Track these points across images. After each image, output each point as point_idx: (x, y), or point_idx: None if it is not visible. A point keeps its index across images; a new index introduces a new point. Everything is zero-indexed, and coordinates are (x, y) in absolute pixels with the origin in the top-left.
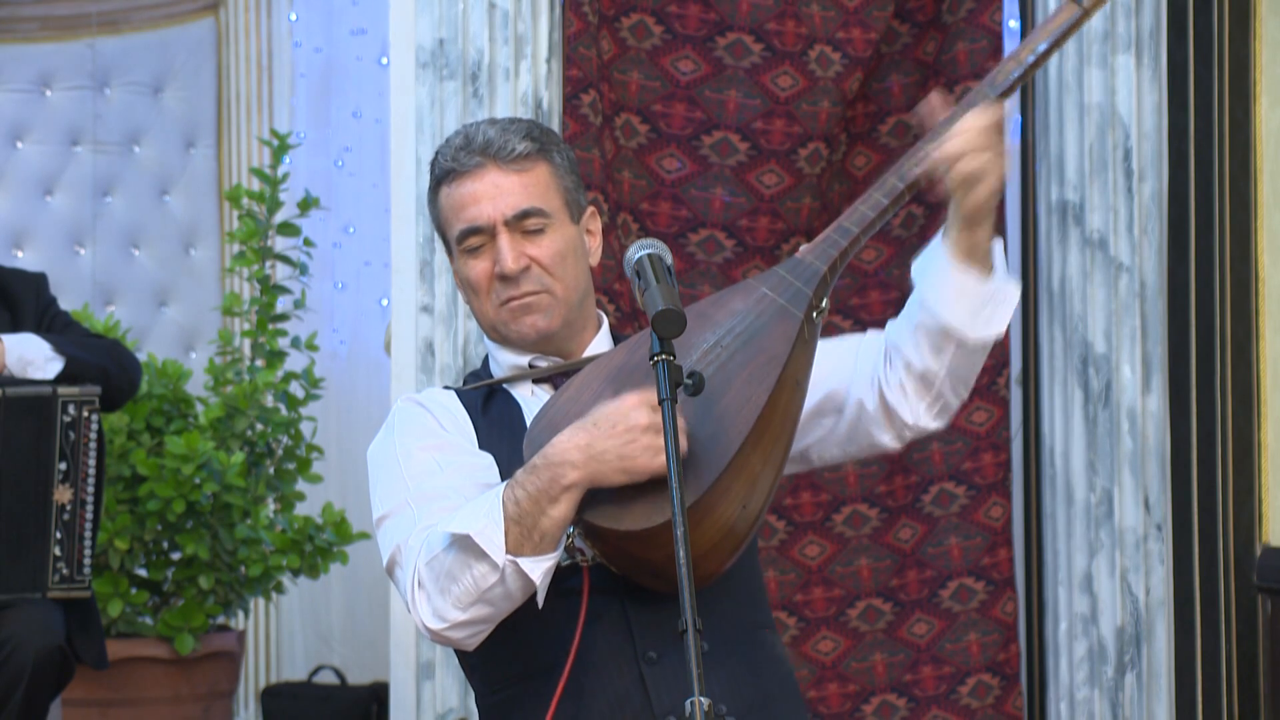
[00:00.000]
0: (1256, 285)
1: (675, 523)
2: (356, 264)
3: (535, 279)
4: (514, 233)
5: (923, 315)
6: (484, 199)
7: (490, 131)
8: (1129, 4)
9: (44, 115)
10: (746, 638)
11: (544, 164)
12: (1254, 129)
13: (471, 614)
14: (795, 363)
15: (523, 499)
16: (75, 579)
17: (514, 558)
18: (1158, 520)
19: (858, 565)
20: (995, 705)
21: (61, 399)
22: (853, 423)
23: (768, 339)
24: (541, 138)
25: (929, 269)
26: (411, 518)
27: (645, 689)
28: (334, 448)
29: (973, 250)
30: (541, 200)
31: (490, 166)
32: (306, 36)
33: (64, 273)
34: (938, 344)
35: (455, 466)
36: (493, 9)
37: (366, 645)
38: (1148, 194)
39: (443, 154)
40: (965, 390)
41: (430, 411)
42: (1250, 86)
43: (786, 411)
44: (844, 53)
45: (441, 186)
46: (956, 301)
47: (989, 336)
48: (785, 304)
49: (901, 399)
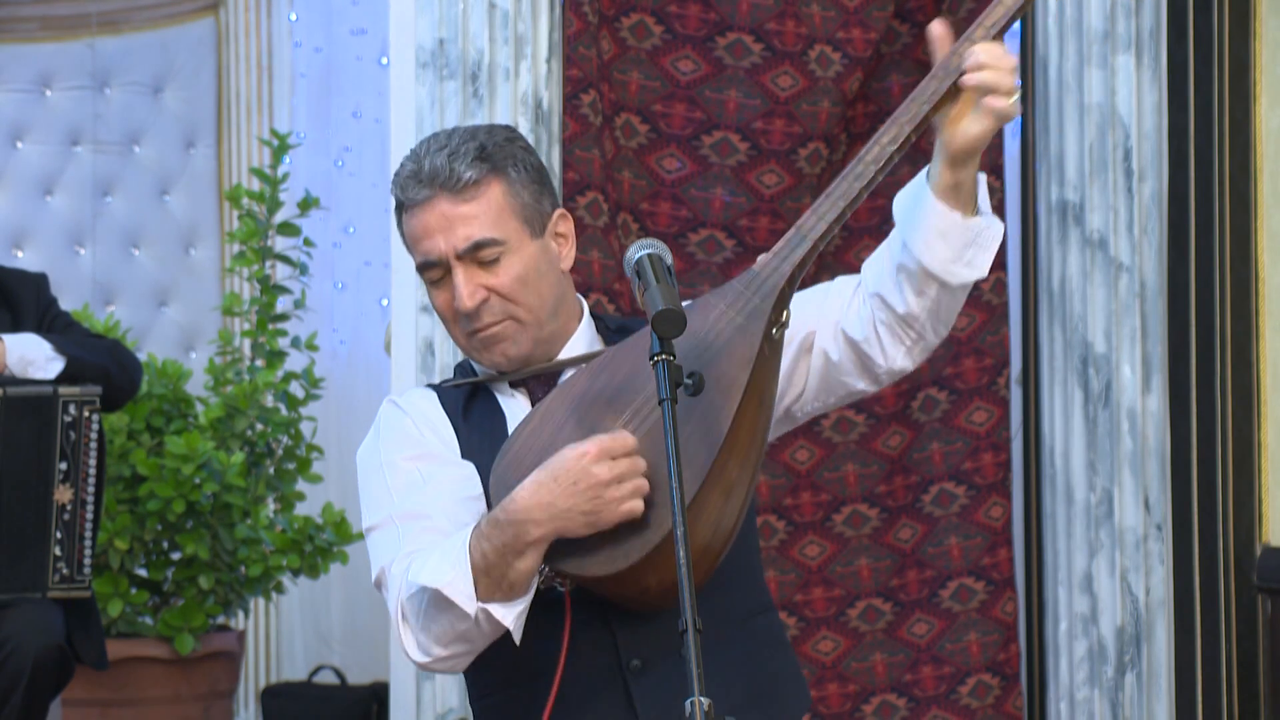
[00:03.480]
0: (1256, 285)
1: (675, 523)
2: (356, 264)
3: (496, 309)
4: (469, 265)
5: (904, 256)
6: (435, 232)
7: (439, 159)
8: (1129, 4)
9: (44, 115)
10: (741, 628)
11: (497, 184)
12: (1254, 129)
13: (452, 650)
14: (756, 383)
15: (489, 551)
16: (75, 579)
17: (485, 605)
18: (1158, 520)
19: (858, 565)
20: (995, 705)
21: (62, 399)
22: (822, 373)
23: (726, 364)
24: (494, 154)
25: (910, 207)
26: (396, 536)
27: (631, 699)
28: (334, 448)
29: (957, 188)
30: (494, 228)
31: (440, 197)
32: (306, 36)
33: (64, 273)
34: (919, 285)
35: (438, 480)
36: (493, 9)
37: (366, 645)
38: (1148, 194)
39: (395, 182)
40: (945, 329)
41: (411, 418)
42: (1250, 86)
43: (752, 429)
44: (844, 53)
45: (400, 211)
46: (939, 241)
47: (971, 278)
48: (743, 322)
49: (873, 340)
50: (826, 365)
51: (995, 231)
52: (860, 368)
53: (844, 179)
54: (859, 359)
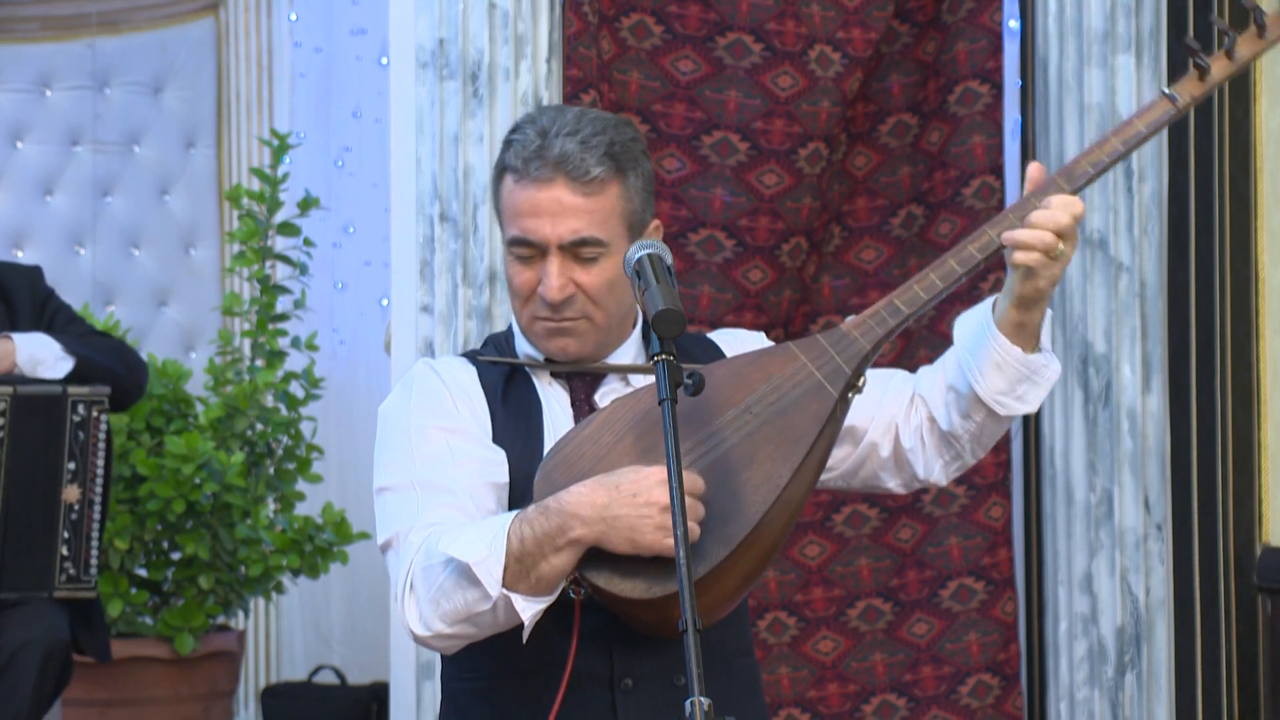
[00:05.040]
0: (1256, 285)
1: (675, 523)
2: (356, 264)
3: (577, 306)
4: (566, 257)
5: (957, 378)
6: (544, 215)
7: (569, 145)
8: (1129, 4)
9: (44, 115)
10: (724, 668)
11: (616, 185)
12: (1254, 129)
13: (456, 630)
14: (821, 442)
15: (528, 538)
16: (82, 579)
17: (508, 592)
18: (1158, 520)
19: (858, 565)
20: (995, 705)
21: (71, 398)
22: (863, 460)
23: (799, 416)
24: (620, 155)
25: (972, 334)
26: (414, 503)
27: (616, 715)
28: (334, 448)
29: (1021, 328)
30: (602, 229)
31: (560, 181)
32: (306, 36)
33: (64, 273)
34: (966, 409)
35: (467, 457)
36: (493, 9)
37: (366, 645)
38: (1148, 194)
39: (516, 147)
40: (983, 453)
41: (448, 389)
42: (1250, 86)
43: (805, 484)
44: (844, 53)
45: (507, 174)
46: (994, 372)
47: (1020, 411)
48: (822, 380)
49: (918, 451)
50: (871, 456)
51: (1053, 370)
52: (898, 469)
53: (943, 263)
54: (900, 462)
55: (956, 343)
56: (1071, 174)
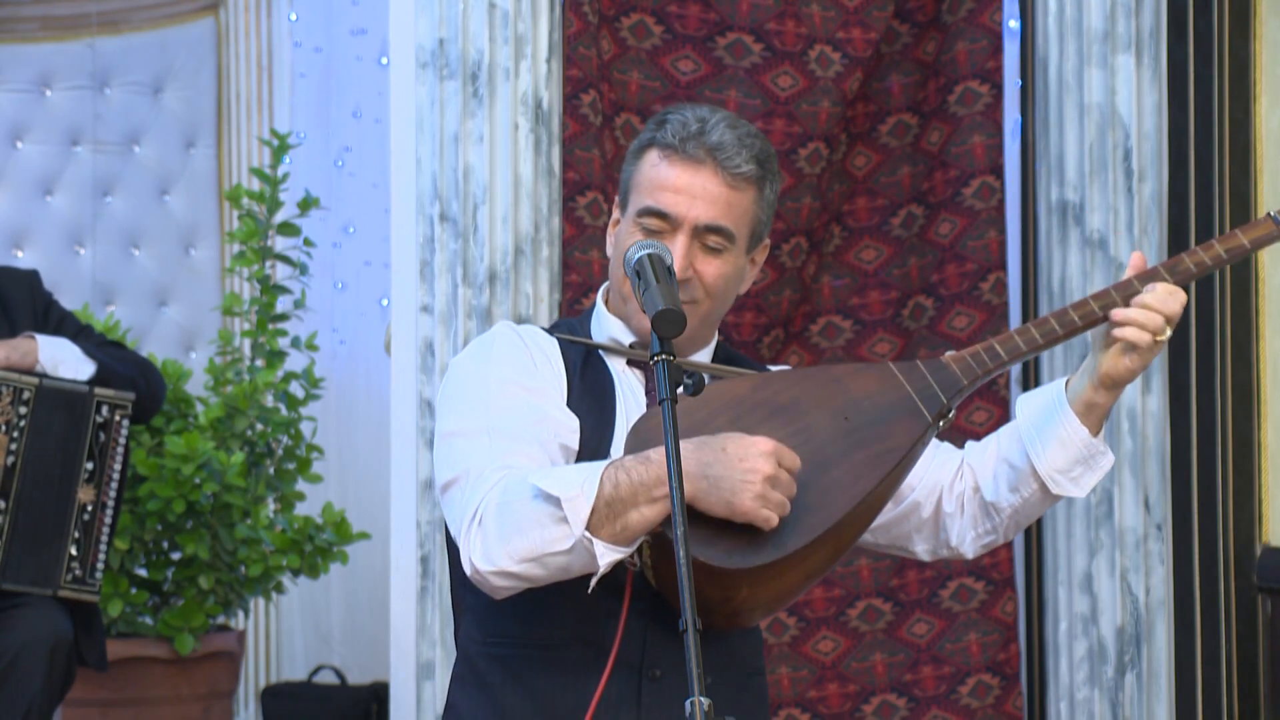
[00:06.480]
0: (1256, 285)
1: (675, 522)
2: (356, 264)
3: (690, 291)
4: (695, 240)
5: (1015, 451)
6: (688, 192)
7: (728, 135)
8: (1129, 4)
9: (44, 115)
10: (741, 683)
11: (754, 190)
12: (1254, 129)
13: (522, 569)
14: (908, 460)
15: (623, 484)
16: (87, 581)
17: (590, 536)
18: (1158, 520)
19: (857, 565)
20: (995, 705)
21: (97, 399)
22: (903, 517)
23: (894, 429)
24: (766, 164)
25: (1040, 406)
26: (487, 448)
27: (640, 701)
28: (334, 448)
29: (1092, 408)
30: (735, 224)
31: (711, 166)
32: (306, 36)
33: (64, 273)
34: (1017, 482)
35: (543, 416)
36: (493, 9)
37: (366, 645)
38: (1148, 194)
39: (674, 125)
40: (1016, 533)
41: (530, 352)
42: (1250, 86)
43: (882, 497)
44: (844, 53)
45: (654, 149)
46: (1058, 448)
47: (1071, 493)
48: (919, 404)
49: (956, 517)
50: (911, 515)
51: (1108, 460)
52: (931, 534)
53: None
54: (936, 526)
55: (1019, 416)
56: (1175, 268)
